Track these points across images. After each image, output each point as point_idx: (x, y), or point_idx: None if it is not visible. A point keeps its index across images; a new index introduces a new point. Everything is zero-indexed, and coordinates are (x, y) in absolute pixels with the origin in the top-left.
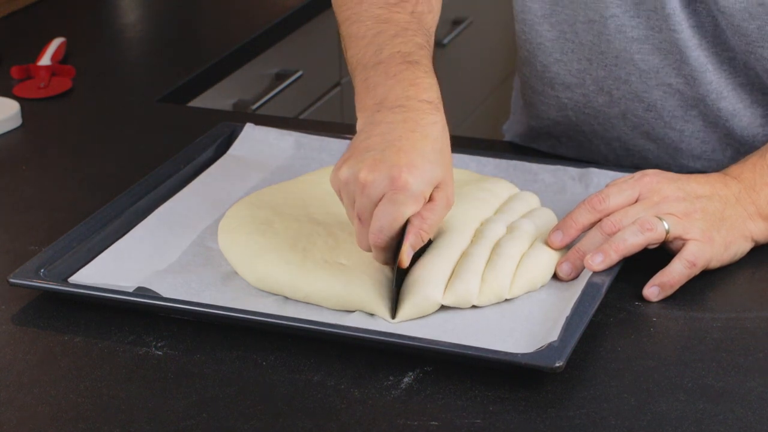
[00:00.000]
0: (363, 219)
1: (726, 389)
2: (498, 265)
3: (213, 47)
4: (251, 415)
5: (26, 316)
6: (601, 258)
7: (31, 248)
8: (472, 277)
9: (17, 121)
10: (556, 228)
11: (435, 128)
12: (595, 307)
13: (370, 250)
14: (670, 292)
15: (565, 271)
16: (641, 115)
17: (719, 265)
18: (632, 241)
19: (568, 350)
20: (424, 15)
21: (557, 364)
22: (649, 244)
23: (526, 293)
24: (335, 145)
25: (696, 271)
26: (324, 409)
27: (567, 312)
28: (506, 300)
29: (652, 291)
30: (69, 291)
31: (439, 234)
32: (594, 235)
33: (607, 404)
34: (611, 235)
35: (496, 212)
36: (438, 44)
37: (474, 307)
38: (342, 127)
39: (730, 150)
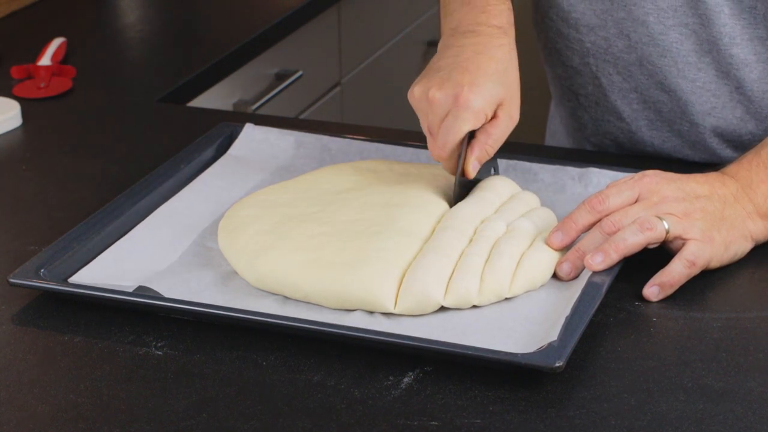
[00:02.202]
0: (432, 132)
1: (726, 389)
2: (498, 265)
3: (213, 47)
4: (251, 415)
5: (26, 316)
6: (601, 258)
7: (31, 248)
8: (471, 277)
9: (17, 121)
10: (556, 229)
11: (501, 50)
12: (595, 307)
13: (440, 159)
14: (670, 291)
15: (565, 270)
16: (656, 62)
17: (719, 265)
18: (632, 240)
19: (568, 350)
20: None
21: (557, 364)
22: (648, 244)
23: (526, 293)
24: (335, 144)
25: (696, 270)
26: (324, 409)
27: (567, 312)
28: (506, 299)
29: (652, 291)
30: (69, 291)
31: (439, 233)
32: (594, 236)
33: (607, 404)
34: (611, 234)
35: (496, 211)
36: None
37: (474, 306)
38: (342, 127)
39: (740, 109)
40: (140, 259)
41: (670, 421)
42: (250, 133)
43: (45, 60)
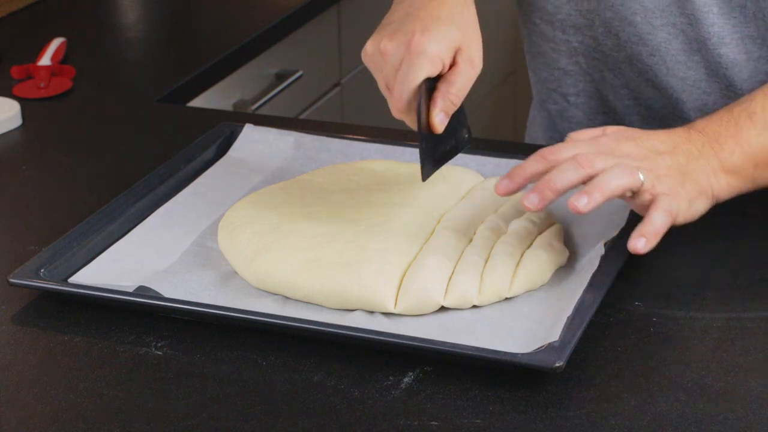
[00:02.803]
0: (390, 86)
1: (726, 389)
2: (498, 265)
3: (213, 47)
4: (251, 415)
5: (26, 316)
6: (586, 200)
7: (31, 248)
8: (471, 278)
9: (17, 121)
10: (505, 176)
11: None
12: (595, 307)
13: (401, 118)
14: (654, 242)
15: (533, 201)
16: (645, 61)
17: (683, 222)
18: (617, 182)
19: (568, 350)
20: None
21: (557, 364)
22: (625, 191)
23: (526, 293)
24: (335, 145)
25: (671, 222)
26: (324, 409)
27: (568, 311)
28: (506, 299)
29: (639, 241)
30: (69, 291)
31: (439, 233)
32: (566, 166)
33: (607, 404)
34: (584, 167)
35: (496, 212)
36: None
37: (474, 306)
38: (342, 127)
39: None
40: (140, 259)
41: (670, 421)
42: (249, 133)
43: (45, 60)
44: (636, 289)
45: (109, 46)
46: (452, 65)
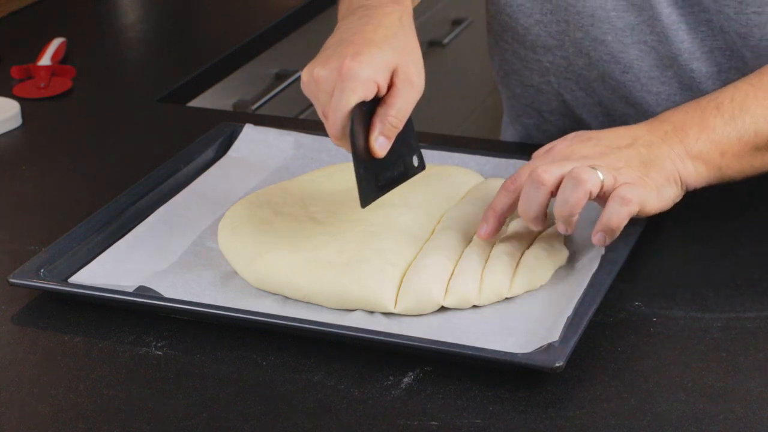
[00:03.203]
0: (326, 114)
1: (726, 389)
2: (497, 265)
3: (213, 47)
4: (251, 415)
5: (26, 316)
6: (563, 228)
7: (31, 248)
8: (471, 278)
9: (17, 121)
10: (482, 221)
11: (389, 18)
12: (595, 307)
13: (335, 141)
14: (614, 235)
15: (533, 228)
16: (618, 78)
17: (655, 211)
18: (574, 198)
19: (568, 350)
20: None
21: (557, 364)
22: (589, 196)
23: (526, 293)
24: (335, 145)
25: (633, 208)
26: (324, 409)
27: (568, 311)
28: (506, 299)
29: (599, 237)
30: (69, 291)
31: (439, 233)
32: (527, 191)
33: (607, 404)
34: (544, 184)
35: None
36: (438, 44)
37: (474, 306)
38: None
39: None
40: (140, 259)
41: (670, 421)
42: (249, 133)
43: (45, 60)
44: (636, 289)
45: (109, 46)
46: (390, 86)
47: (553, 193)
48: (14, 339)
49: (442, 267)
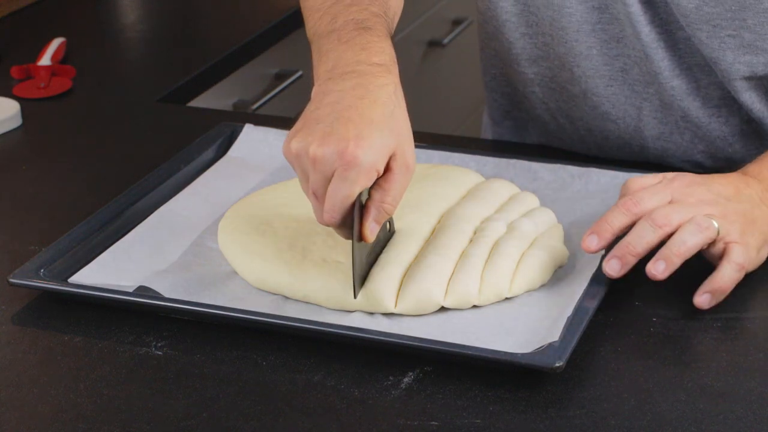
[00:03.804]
0: (318, 195)
1: (726, 389)
2: (498, 265)
3: (213, 47)
4: (251, 415)
5: (26, 316)
6: (663, 266)
7: (31, 248)
8: (471, 278)
9: (17, 121)
10: (591, 231)
11: (384, 91)
12: (595, 307)
13: (329, 225)
14: (721, 298)
15: (614, 268)
16: (601, 93)
17: (752, 269)
18: (692, 242)
19: (568, 350)
20: None
21: (557, 364)
22: (703, 246)
23: (526, 293)
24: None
25: (742, 274)
26: (324, 409)
27: (568, 311)
28: (506, 299)
29: (704, 298)
30: (69, 291)
31: (439, 233)
32: (643, 228)
33: (607, 404)
34: (663, 227)
35: (496, 212)
36: (438, 44)
37: (474, 306)
38: None
39: (689, 133)
40: (140, 259)
41: (670, 421)
42: (249, 133)
43: (45, 60)
44: (636, 289)
45: (109, 46)
46: (386, 170)
47: (662, 240)
48: (14, 339)
49: (442, 267)
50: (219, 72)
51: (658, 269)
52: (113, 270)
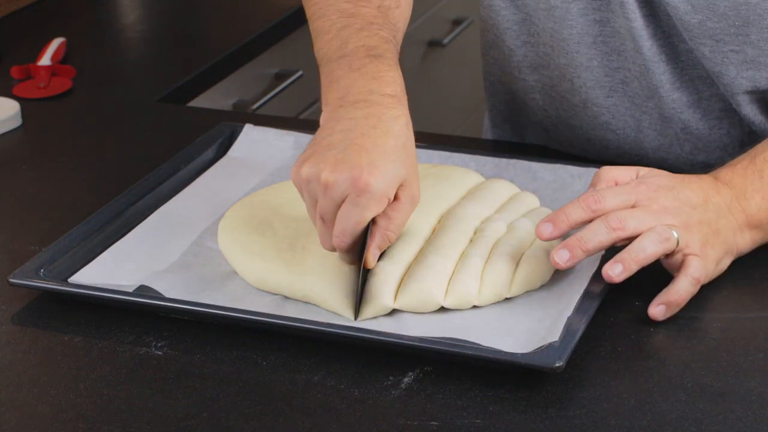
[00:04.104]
0: (326, 220)
1: (726, 389)
2: (498, 265)
3: (213, 47)
4: (251, 415)
5: (26, 316)
6: (621, 268)
7: (31, 248)
8: (471, 278)
9: (17, 121)
10: (546, 219)
11: (397, 123)
12: (595, 307)
13: (334, 250)
14: (676, 310)
15: (563, 257)
16: (601, 104)
17: (707, 281)
18: (652, 250)
19: (568, 350)
20: (391, 10)
21: (557, 364)
22: (662, 255)
23: (526, 293)
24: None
25: (698, 288)
26: (324, 409)
27: (568, 311)
28: (506, 299)
29: (659, 309)
30: (69, 291)
31: (440, 233)
32: (598, 227)
33: (607, 404)
34: (616, 230)
35: (496, 212)
36: (438, 44)
37: (474, 306)
38: None
39: (689, 145)
40: (140, 259)
41: (670, 421)
42: (249, 133)
43: (45, 60)
44: (636, 289)
45: (109, 46)
46: (394, 199)
47: (615, 243)
48: (14, 339)
49: (442, 267)
50: (219, 72)
51: (615, 271)
52: (113, 270)
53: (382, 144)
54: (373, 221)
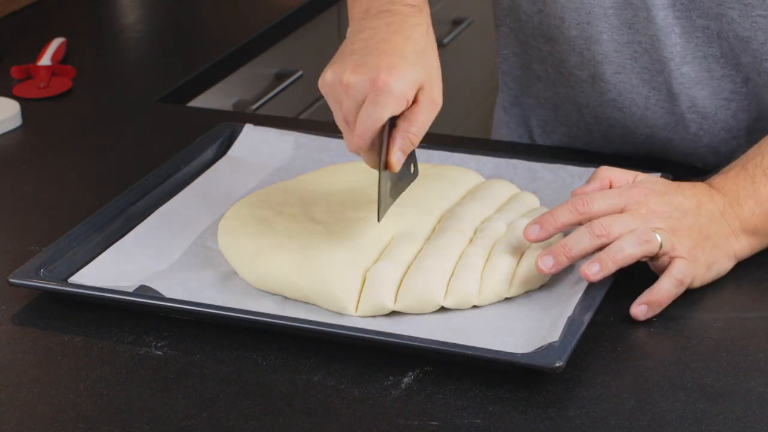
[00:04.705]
0: (349, 121)
1: (726, 389)
2: (498, 265)
3: (213, 47)
4: (251, 415)
5: (26, 316)
6: (597, 268)
7: (31, 248)
8: (471, 278)
9: (17, 121)
10: (534, 221)
11: (418, 30)
12: (596, 307)
13: (359, 153)
14: (658, 310)
15: (547, 264)
16: (609, 79)
17: (700, 285)
18: (630, 251)
19: (568, 350)
20: None
21: (557, 364)
22: (643, 257)
23: (526, 293)
24: (335, 145)
25: (682, 289)
26: (324, 409)
27: (568, 311)
28: (506, 299)
29: (641, 309)
30: (69, 291)
31: (440, 233)
32: (582, 234)
33: (607, 404)
34: (600, 237)
35: (496, 212)
36: (438, 44)
37: (474, 306)
38: None
39: (694, 125)
40: (140, 259)
41: (670, 421)
42: (249, 133)
43: (45, 60)
44: (636, 290)
45: (109, 46)
46: (413, 103)
47: (599, 249)
48: (14, 339)
49: (442, 267)
50: (219, 72)
51: (591, 270)
52: (113, 270)
53: (401, 48)
54: (395, 125)
